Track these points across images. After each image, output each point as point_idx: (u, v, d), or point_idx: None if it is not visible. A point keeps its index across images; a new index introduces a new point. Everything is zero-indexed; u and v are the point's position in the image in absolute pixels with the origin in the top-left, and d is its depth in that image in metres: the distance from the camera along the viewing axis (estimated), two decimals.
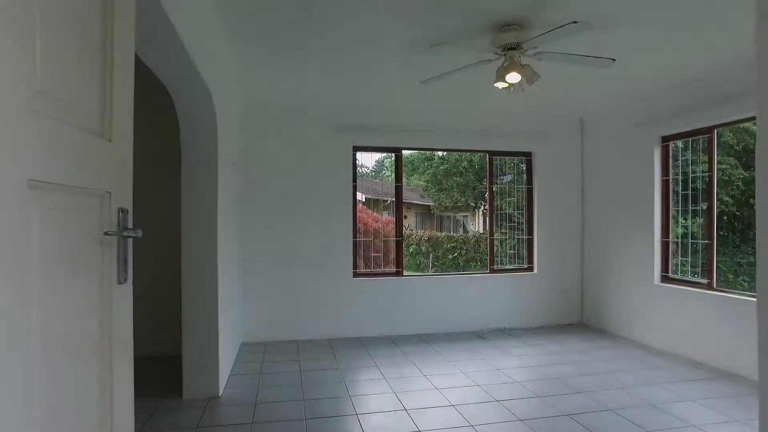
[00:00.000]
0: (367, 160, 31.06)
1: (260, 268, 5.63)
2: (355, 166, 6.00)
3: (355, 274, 5.97)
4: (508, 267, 6.58)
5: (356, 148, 6.00)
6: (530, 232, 6.55)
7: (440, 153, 18.11)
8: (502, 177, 6.88)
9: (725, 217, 11.34)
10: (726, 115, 4.51)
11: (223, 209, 4.01)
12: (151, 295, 4.76)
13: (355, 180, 6.00)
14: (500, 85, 3.56)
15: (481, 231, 17.09)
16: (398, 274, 6.14)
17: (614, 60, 3.46)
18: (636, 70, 4.54)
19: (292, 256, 5.73)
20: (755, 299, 3.75)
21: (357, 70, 4.51)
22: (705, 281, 4.82)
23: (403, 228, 7.10)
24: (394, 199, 6.37)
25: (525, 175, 6.62)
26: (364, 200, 13.31)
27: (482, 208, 17.52)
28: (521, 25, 3.34)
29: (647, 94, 5.32)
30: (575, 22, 2.86)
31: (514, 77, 3.42)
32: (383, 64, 4.30)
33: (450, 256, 14.59)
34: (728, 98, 4.42)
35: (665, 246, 5.27)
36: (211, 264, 3.79)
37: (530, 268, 6.51)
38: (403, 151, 6.28)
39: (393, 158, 6.29)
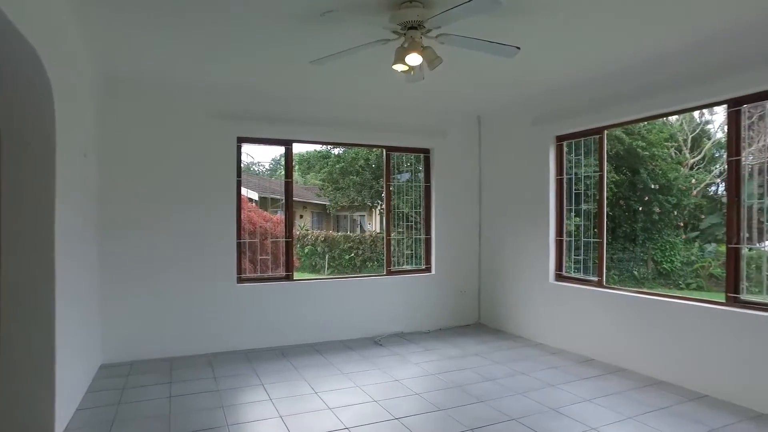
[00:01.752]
0: (263, 157, 29.85)
1: (125, 275, 4.78)
2: (239, 159, 5.35)
3: (240, 279, 5.33)
4: (405, 268, 6.32)
5: (241, 140, 5.34)
6: (428, 231, 6.35)
7: (336, 151, 17.73)
8: (398, 176, 6.63)
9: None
10: (615, 117, 4.59)
11: (65, 208, 3.22)
12: None
13: (239, 175, 5.35)
14: (399, 67, 3.20)
15: (378, 231, 17.00)
16: (288, 278, 5.60)
17: (519, 48, 3.26)
18: (533, 68, 4.45)
19: (165, 261, 4.94)
20: (642, 296, 3.75)
21: (240, 46, 3.90)
22: (596, 279, 4.89)
23: (296, 228, 6.57)
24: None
25: (423, 173, 6.41)
26: (257, 199, 12.54)
27: (379, 207, 17.43)
28: (423, 2, 3.01)
29: (543, 94, 5.33)
30: None
31: (414, 59, 3.07)
32: (271, 41, 3.74)
33: (347, 256, 14.35)
34: (618, 100, 4.50)
35: (559, 244, 5.30)
36: (44, 275, 2.99)
37: (428, 269, 6.31)
38: (295, 145, 5.74)
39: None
